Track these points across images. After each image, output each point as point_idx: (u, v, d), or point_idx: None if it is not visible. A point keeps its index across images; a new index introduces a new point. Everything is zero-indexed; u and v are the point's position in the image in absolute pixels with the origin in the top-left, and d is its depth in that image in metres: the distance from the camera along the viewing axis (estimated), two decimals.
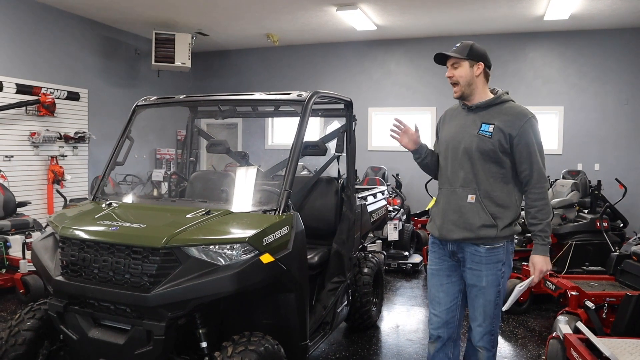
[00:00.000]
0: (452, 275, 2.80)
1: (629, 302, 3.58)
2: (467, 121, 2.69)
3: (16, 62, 7.32)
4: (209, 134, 4.70)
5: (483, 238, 2.61)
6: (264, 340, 2.67)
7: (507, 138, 2.56)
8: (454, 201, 2.68)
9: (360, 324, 4.44)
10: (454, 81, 2.70)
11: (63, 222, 2.98)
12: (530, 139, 2.58)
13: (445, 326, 2.82)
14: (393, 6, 7.78)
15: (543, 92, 9.16)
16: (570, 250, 5.55)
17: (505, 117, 2.59)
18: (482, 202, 2.60)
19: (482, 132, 2.60)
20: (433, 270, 2.87)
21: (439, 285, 2.83)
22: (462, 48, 2.69)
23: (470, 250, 2.66)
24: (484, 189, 2.61)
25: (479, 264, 2.65)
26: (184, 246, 2.61)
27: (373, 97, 10.15)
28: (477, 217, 2.60)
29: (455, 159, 2.69)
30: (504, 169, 2.62)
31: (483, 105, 2.67)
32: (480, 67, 2.67)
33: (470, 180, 2.63)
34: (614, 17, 8.04)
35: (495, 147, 2.57)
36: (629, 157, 8.72)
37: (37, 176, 7.67)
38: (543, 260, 2.60)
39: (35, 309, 3.03)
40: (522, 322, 4.88)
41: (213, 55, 11.19)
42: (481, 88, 2.70)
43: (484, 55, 2.71)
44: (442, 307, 2.82)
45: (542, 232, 2.59)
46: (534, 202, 2.61)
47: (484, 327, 2.71)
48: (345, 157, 4.00)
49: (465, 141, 2.65)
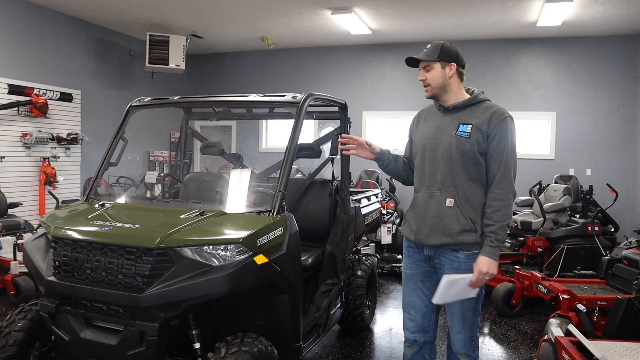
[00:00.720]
0: (427, 281, 2.73)
1: (619, 305, 3.61)
2: (444, 122, 2.63)
3: (9, 62, 7.28)
4: (203, 136, 4.70)
5: (462, 243, 2.54)
6: (258, 341, 2.66)
7: (484, 137, 2.51)
8: (432, 205, 2.60)
9: (353, 326, 4.44)
10: (426, 83, 2.65)
11: (55, 222, 2.96)
12: (505, 138, 2.51)
13: (421, 331, 2.76)
14: (387, 11, 7.82)
15: (536, 98, 9.23)
16: (562, 254, 5.59)
17: (482, 117, 2.54)
18: (461, 206, 2.54)
19: (460, 132, 2.54)
20: (407, 275, 2.80)
21: (414, 290, 2.76)
22: (433, 49, 2.62)
23: (449, 256, 2.59)
24: (462, 192, 2.55)
25: (458, 271, 2.55)
26: (178, 247, 2.60)
27: (367, 100, 10.18)
28: (456, 222, 2.53)
29: (433, 161, 2.62)
30: (482, 171, 2.55)
31: (460, 105, 2.61)
32: (452, 67, 2.61)
33: (449, 183, 2.56)
34: (605, 24, 8.12)
35: (473, 148, 2.51)
36: (621, 163, 8.80)
37: (29, 177, 7.63)
38: (487, 262, 2.46)
39: (26, 310, 3.00)
40: (514, 325, 4.90)
41: (207, 57, 11.19)
42: (456, 88, 2.64)
43: (456, 55, 2.64)
44: (417, 312, 2.76)
45: (494, 233, 2.47)
46: (492, 201, 2.51)
47: (464, 333, 2.64)
48: (339, 159, 4.01)
49: (444, 143, 2.58)
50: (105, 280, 2.62)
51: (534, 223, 6.37)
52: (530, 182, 7.83)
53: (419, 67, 2.70)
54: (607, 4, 7.17)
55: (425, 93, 2.68)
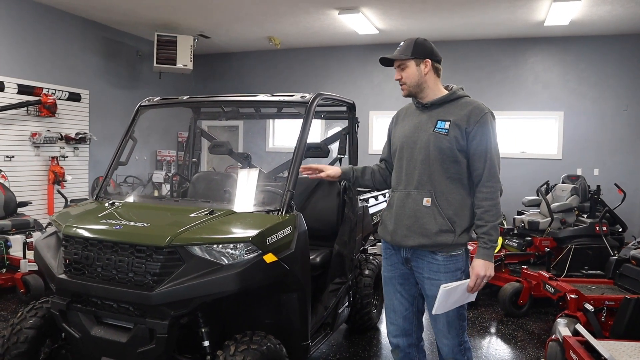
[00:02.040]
0: (406, 283, 2.67)
1: (627, 305, 3.60)
2: (422, 119, 2.56)
3: (18, 62, 7.34)
4: (212, 135, 4.72)
5: (440, 245, 2.45)
6: (266, 339, 2.68)
7: (464, 134, 2.43)
8: (409, 205, 2.52)
9: (360, 325, 4.45)
10: (402, 82, 2.58)
11: (66, 220, 2.99)
12: (487, 135, 2.44)
13: (403, 334, 2.70)
14: (395, 10, 7.82)
15: (543, 97, 9.19)
16: (570, 254, 5.57)
17: (461, 112, 2.46)
18: (438, 206, 2.46)
19: (438, 129, 2.46)
20: (386, 278, 2.74)
21: (393, 293, 2.70)
22: (406, 47, 2.55)
23: (428, 259, 2.51)
24: (440, 190, 2.46)
25: (437, 273, 2.49)
26: (188, 245, 2.62)
27: (374, 100, 10.18)
28: (433, 222, 2.45)
29: (411, 159, 2.54)
30: (461, 169, 2.48)
31: (438, 102, 2.54)
32: (427, 64, 2.53)
33: (426, 181, 2.48)
34: (614, 23, 8.08)
35: (452, 145, 2.43)
36: (628, 163, 8.75)
37: (38, 176, 7.68)
38: (484, 265, 2.41)
39: (37, 307, 3.03)
40: (521, 325, 4.89)
41: (215, 57, 11.22)
42: (433, 85, 2.56)
43: (430, 51, 2.55)
44: (397, 315, 2.69)
45: (487, 234, 2.42)
46: (480, 201, 2.45)
47: (450, 339, 2.57)
48: (347, 159, 4.02)
49: (421, 140, 2.51)
50: (115, 278, 2.65)
51: (541, 223, 6.35)
52: (538, 182, 7.81)
53: (393, 66, 2.62)
54: (615, 3, 7.13)
55: (401, 92, 2.63)
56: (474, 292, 2.45)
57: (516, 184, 8.31)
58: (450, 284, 2.39)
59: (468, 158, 2.47)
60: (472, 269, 2.43)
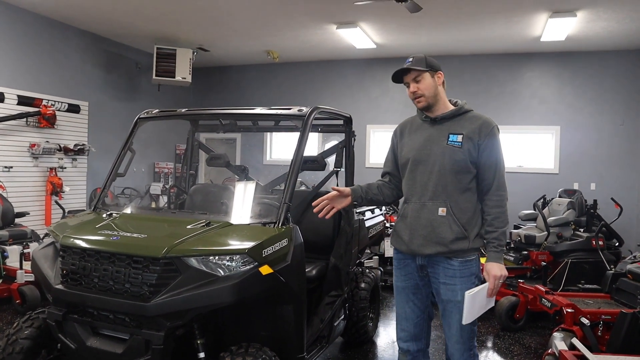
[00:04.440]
0: (418, 293, 2.75)
1: (624, 319, 3.61)
2: (433, 133, 2.66)
3: (18, 73, 7.38)
4: (210, 148, 4.75)
5: (456, 251, 2.57)
6: (262, 351, 2.69)
7: (476, 146, 2.57)
8: (424, 215, 2.61)
9: (356, 338, 4.44)
10: (419, 94, 2.65)
11: (64, 231, 3.01)
12: (496, 148, 2.60)
13: (413, 339, 2.78)
14: (392, 25, 7.89)
15: (540, 112, 9.26)
16: (566, 268, 5.58)
17: (471, 126, 2.60)
18: (453, 215, 2.57)
19: (452, 142, 2.59)
20: (399, 288, 2.80)
21: (406, 302, 2.77)
22: (418, 60, 2.64)
23: (443, 264, 2.61)
24: (454, 200, 2.58)
25: (453, 278, 2.59)
26: (184, 256, 2.63)
27: (371, 114, 10.23)
28: (449, 231, 2.56)
29: (424, 171, 2.63)
30: (471, 179, 2.61)
31: (448, 116, 2.65)
32: (440, 75, 2.67)
33: (440, 192, 2.59)
34: (609, 39, 8.17)
35: (465, 157, 2.56)
36: (625, 177, 8.79)
37: (36, 187, 7.69)
38: (497, 267, 2.57)
39: (33, 318, 3.04)
40: (517, 339, 4.89)
41: (213, 70, 11.29)
42: (443, 97, 2.69)
43: (439, 65, 2.70)
44: (409, 322, 2.77)
45: (497, 239, 2.58)
46: (491, 209, 2.59)
47: (462, 343, 2.64)
48: (344, 172, 4.04)
49: (435, 153, 2.61)
50: (112, 289, 2.65)
51: (537, 237, 6.37)
52: (534, 196, 7.84)
53: (404, 82, 2.69)
54: (611, 20, 7.22)
55: (418, 104, 2.69)
56: (493, 294, 2.59)
57: (513, 198, 8.21)
58: (473, 289, 2.50)
59: (478, 168, 2.61)
60: (488, 272, 2.58)
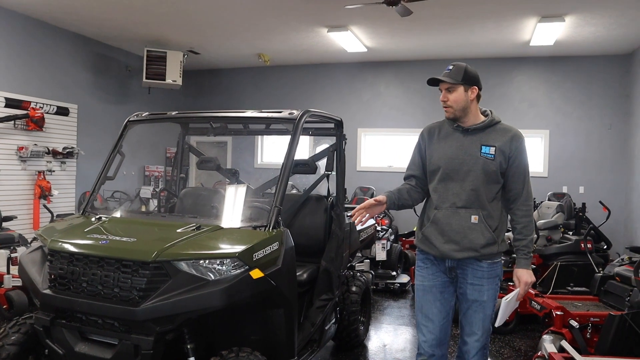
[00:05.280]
0: (445, 292, 2.80)
1: (612, 321, 3.63)
2: (465, 142, 2.70)
3: (6, 76, 7.31)
4: (200, 151, 4.73)
5: (486, 255, 2.67)
6: (252, 356, 2.67)
7: (507, 158, 2.66)
8: (456, 221, 2.67)
9: (347, 342, 4.43)
10: (448, 105, 2.69)
11: (52, 235, 2.97)
12: (524, 158, 2.69)
13: (438, 344, 2.79)
14: (383, 29, 7.92)
15: (529, 116, 9.33)
16: (556, 270, 5.60)
17: (502, 139, 2.67)
18: (485, 222, 2.66)
19: (485, 154, 2.65)
20: (426, 287, 2.82)
21: (432, 301, 2.79)
22: (456, 72, 2.67)
23: (473, 265, 2.70)
24: (485, 208, 2.66)
25: (480, 279, 2.69)
26: (174, 260, 2.62)
27: (363, 118, 10.26)
28: (481, 237, 2.64)
29: (457, 179, 2.69)
30: (499, 189, 2.71)
31: (480, 127, 2.70)
32: (474, 91, 2.69)
33: (474, 200, 2.66)
34: (597, 44, 8.26)
35: (497, 169, 2.64)
36: (613, 180, 8.87)
37: (24, 191, 7.61)
38: (527, 273, 2.67)
39: (20, 324, 2.99)
40: (508, 342, 4.90)
41: (204, 73, 11.26)
42: (475, 110, 2.73)
43: (477, 78, 2.72)
44: (435, 324, 2.78)
45: (526, 247, 2.68)
46: (520, 218, 2.70)
47: (481, 341, 2.74)
48: (335, 175, 4.04)
49: (468, 163, 2.67)
50: (101, 294, 2.63)
51: None
52: None
53: (439, 86, 2.74)
54: (599, 25, 7.30)
55: (445, 113, 2.74)
56: (521, 299, 2.74)
57: None
58: (507, 295, 2.68)
59: (506, 178, 2.70)
60: (519, 279, 2.69)
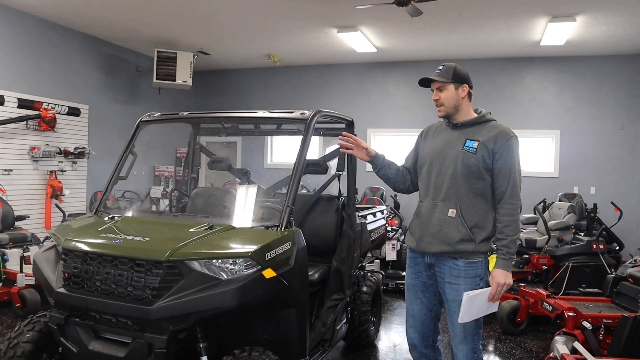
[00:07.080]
0: (427, 291, 2.85)
1: (625, 323, 3.60)
2: (452, 137, 2.77)
3: (18, 77, 7.38)
4: (211, 151, 4.75)
5: (460, 252, 2.65)
6: (264, 355, 2.68)
7: (490, 154, 2.65)
8: (435, 215, 2.72)
9: (358, 342, 4.43)
10: (440, 103, 2.77)
11: (66, 234, 3.00)
12: (511, 157, 2.65)
13: (420, 336, 2.87)
14: (393, 29, 7.91)
15: (539, 116, 9.28)
16: (567, 271, 5.58)
17: (488, 134, 2.68)
18: (462, 217, 2.66)
19: (467, 147, 2.68)
20: (409, 285, 2.91)
21: (414, 299, 2.88)
22: (446, 71, 2.75)
23: (449, 264, 2.70)
24: (465, 203, 2.67)
25: (457, 278, 2.68)
26: (187, 260, 2.63)
27: (372, 118, 10.24)
28: (456, 232, 2.65)
29: (439, 173, 2.74)
30: (485, 186, 2.68)
31: (468, 123, 2.75)
32: (465, 89, 2.75)
33: (452, 194, 2.69)
34: (609, 44, 8.19)
35: (478, 163, 2.64)
36: (625, 181, 8.80)
37: (36, 190, 7.68)
38: (503, 274, 2.61)
39: (34, 321, 3.02)
40: (519, 343, 4.88)
41: (214, 74, 11.30)
42: (466, 108, 2.78)
43: (467, 77, 2.78)
44: (416, 320, 2.88)
45: (505, 247, 2.62)
46: (502, 216, 2.65)
47: (466, 344, 2.71)
48: (345, 176, 4.04)
49: (450, 156, 2.71)
50: (114, 292, 2.65)
51: (538, 241, 6.37)
52: (535, 200, 7.84)
53: (430, 87, 2.81)
54: (610, 24, 7.24)
55: (438, 112, 2.81)
56: (495, 300, 2.63)
57: None
58: (472, 291, 2.57)
59: (493, 176, 2.68)
60: (493, 278, 2.63)
